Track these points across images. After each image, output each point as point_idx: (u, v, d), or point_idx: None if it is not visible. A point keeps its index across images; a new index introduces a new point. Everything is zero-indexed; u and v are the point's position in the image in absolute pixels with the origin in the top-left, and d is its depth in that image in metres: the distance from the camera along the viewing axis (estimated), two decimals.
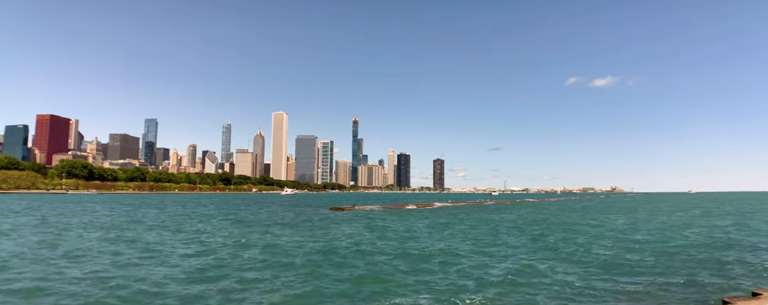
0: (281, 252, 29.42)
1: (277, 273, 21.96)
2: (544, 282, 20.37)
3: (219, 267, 23.69)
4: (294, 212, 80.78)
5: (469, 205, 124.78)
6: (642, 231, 46.90)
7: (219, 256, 27.36)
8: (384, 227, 49.60)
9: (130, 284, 19.16)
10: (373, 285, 19.47)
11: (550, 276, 21.61)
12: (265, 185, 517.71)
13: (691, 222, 59.22)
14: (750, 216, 71.81)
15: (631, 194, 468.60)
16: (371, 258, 27.15)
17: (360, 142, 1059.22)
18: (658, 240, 38.08)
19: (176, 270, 22.50)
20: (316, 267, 23.65)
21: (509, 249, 31.89)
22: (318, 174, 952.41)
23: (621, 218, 67.26)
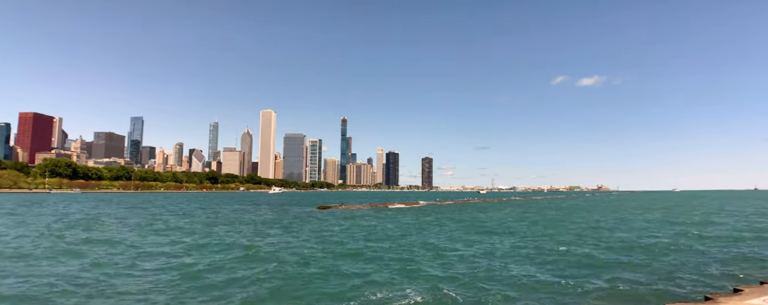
0: (260, 254, 28.96)
1: (249, 275, 21.54)
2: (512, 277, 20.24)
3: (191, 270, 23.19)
4: (276, 212, 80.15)
5: (455, 204, 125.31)
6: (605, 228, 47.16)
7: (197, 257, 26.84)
8: (370, 225, 49.38)
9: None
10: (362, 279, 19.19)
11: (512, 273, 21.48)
12: (252, 184, 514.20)
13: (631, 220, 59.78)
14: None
15: (616, 193, 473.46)
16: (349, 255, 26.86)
17: (349, 140, 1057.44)
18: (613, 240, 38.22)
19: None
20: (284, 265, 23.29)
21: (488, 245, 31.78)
22: (306, 173, 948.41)
23: (596, 216, 67.68)
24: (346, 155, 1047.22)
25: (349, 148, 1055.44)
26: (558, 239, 36.86)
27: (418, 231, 42.69)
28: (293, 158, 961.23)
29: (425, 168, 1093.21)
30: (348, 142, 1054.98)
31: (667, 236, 39.16)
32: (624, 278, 20.54)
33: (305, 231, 42.85)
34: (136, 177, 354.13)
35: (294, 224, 50.04)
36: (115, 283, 19.14)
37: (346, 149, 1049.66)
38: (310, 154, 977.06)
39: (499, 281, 19.94)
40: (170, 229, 43.67)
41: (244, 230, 43.56)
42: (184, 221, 54.51)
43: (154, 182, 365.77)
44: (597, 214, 74.04)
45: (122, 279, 20.09)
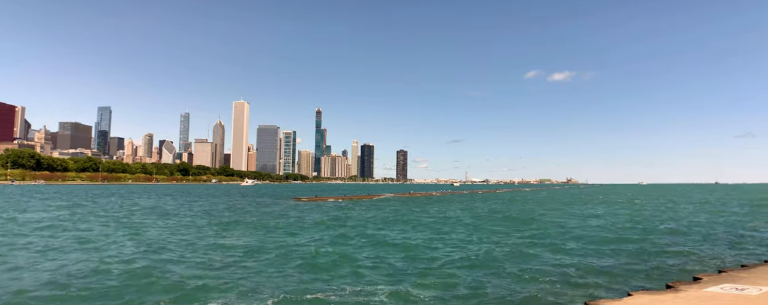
0: (221, 247, 28.55)
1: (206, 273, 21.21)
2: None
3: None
4: (253, 204, 79.17)
5: (420, 196, 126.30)
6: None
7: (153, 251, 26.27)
8: (346, 217, 49.27)
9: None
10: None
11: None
12: (225, 176, 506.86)
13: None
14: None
15: (583, 186, 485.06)
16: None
17: (323, 132, 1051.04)
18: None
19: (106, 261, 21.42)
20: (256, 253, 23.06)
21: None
22: (280, 165, 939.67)
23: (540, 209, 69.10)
24: (321, 147, 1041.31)
25: (324, 140, 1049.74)
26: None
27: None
28: (267, 150, 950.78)
29: (400, 161, 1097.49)
30: (322, 134, 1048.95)
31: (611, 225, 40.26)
32: (592, 264, 21.01)
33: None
34: (104, 169, 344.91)
35: (267, 218, 49.50)
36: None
37: (321, 141, 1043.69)
38: (284, 146, 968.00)
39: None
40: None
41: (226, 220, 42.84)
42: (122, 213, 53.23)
43: (123, 174, 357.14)
44: (552, 204, 75.52)
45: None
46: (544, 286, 17.36)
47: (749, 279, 15.00)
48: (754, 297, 12.08)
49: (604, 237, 32.21)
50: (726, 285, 13.91)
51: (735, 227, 40.18)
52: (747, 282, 14.38)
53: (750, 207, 70.59)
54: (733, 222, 44.73)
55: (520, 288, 17.05)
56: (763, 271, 16.75)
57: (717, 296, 12.37)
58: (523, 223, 43.90)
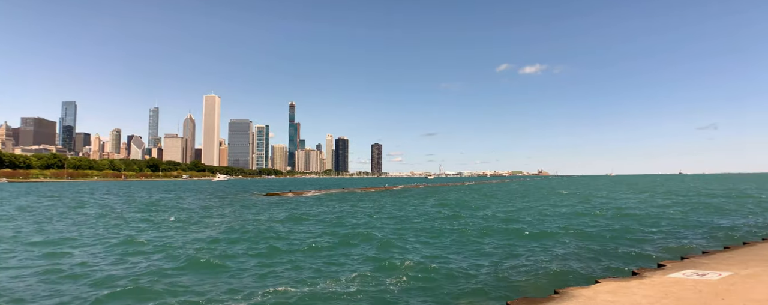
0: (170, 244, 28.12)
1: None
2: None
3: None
4: (224, 199, 78.11)
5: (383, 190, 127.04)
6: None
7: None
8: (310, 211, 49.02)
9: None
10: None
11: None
12: (196, 172, 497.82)
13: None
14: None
15: (553, 178, 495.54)
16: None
17: (297, 126, 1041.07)
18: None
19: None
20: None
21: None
22: (253, 160, 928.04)
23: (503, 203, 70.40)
24: (295, 142, 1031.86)
25: (298, 134, 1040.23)
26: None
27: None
28: (239, 145, 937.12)
29: (375, 154, 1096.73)
30: (296, 128, 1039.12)
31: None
32: (560, 254, 21.50)
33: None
34: (70, 165, 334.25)
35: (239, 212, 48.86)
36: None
37: (295, 136, 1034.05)
38: (256, 140, 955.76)
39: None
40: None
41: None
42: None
43: (90, 171, 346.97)
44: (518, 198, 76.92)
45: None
46: (514, 275, 17.66)
47: (709, 264, 15.55)
48: (714, 281, 12.53)
49: (571, 227, 32.94)
50: (688, 270, 14.39)
51: (698, 216, 41.62)
52: (707, 267, 14.91)
53: (712, 197, 73.23)
54: (695, 211, 46.33)
55: (490, 278, 17.29)
56: (723, 257, 17.39)
57: (680, 281, 12.79)
58: (480, 213, 44.52)
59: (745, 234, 28.54)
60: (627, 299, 11.01)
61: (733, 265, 15.18)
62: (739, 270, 14.10)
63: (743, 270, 14.21)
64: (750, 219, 38.00)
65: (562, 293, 12.15)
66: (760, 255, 17.32)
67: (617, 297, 11.18)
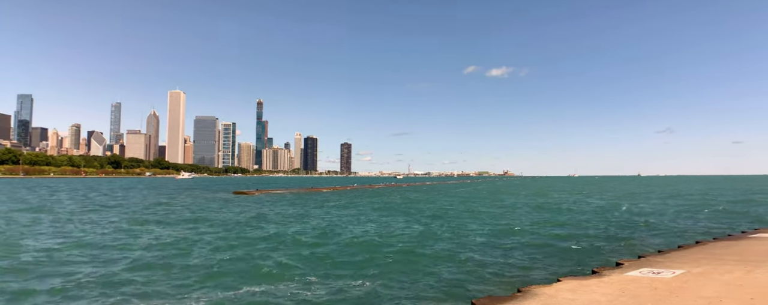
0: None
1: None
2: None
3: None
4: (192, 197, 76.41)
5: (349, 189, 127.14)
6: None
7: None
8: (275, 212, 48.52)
9: None
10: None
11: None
12: (160, 169, 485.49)
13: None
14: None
15: (518, 178, 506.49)
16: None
17: (265, 124, 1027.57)
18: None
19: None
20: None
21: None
22: (219, 158, 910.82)
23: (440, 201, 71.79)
24: (262, 140, 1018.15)
25: (265, 132, 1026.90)
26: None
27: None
28: (204, 142, 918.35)
29: (344, 153, 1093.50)
30: (264, 126, 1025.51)
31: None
32: (524, 254, 21.99)
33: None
34: (25, 161, 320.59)
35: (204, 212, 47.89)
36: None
37: (262, 134, 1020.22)
38: (222, 138, 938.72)
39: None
40: None
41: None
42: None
43: (47, 167, 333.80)
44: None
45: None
46: (478, 274, 17.95)
47: (664, 263, 16.21)
48: (668, 279, 13.07)
49: (534, 227, 33.71)
50: (644, 269, 14.96)
51: (655, 216, 43.22)
52: (662, 266, 15.53)
53: (668, 198, 76.17)
54: (652, 212, 48.10)
55: (454, 277, 17.53)
56: (677, 256, 18.15)
57: (636, 279, 13.28)
58: (448, 215, 45.10)
59: (698, 234, 29.83)
60: (587, 297, 11.36)
61: (686, 263, 15.86)
62: (692, 269, 14.75)
63: (695, 268, 14.87)
64: (702, 220, 39.74)
65: (526, 291, 12.45)
66: (711, 254, 18.15)
67: (577, 295, 11.53)
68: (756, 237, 23.50)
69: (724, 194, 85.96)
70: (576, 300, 11.03)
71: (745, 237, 24.55)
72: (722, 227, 34.18)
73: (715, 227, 33.74)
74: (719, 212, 47.19)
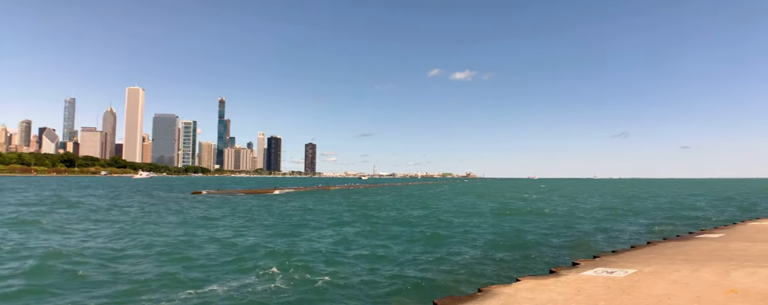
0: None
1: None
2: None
3: None
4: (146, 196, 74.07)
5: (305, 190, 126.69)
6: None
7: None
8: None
9: None
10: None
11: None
12: (116, 168, 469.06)
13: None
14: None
15: (480, 180, 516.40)
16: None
17: (227, 123, 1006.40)
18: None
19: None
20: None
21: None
22: (179, 157, 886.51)
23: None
24: (224, 139, 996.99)
25: (227, 131, 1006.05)
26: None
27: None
28: (164, 141, 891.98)
29: (308, 154, 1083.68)
30: (226, 125, 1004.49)
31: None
32: (483, 255, 22.36)
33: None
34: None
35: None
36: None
37: (224, 133, 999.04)
38: (183, 136, 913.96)
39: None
40: None
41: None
42: None
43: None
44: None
45: None
46: (440, 275, 18.14)
47: (618, 263, 16.79)
48: (620, 278, 13.54)
49: (494, 227, 34.34)
50: (599, 268, 15.44)
51: (609, 218, 44.77)
52: (616, 265, 16.08)
53: (621, 199, 79.06)
54: (606, 213, 49.80)
55: (416, 278, 17.64)
56: (630, 255, 18.83)
57: (591, 278, 13.69)
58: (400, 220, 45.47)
59: (649, 234, 31.10)
60: (544, 296, 11.63)
61: (638, 263, 16.48)
62: (643, 268, 15.33)
63: (646, 267, 15.46)
64: (652, 220, 41.44)
65: (486, 291, 12.63)
66: (661, 254, 18.93)
67: (535, 294, 11.79)
68: (702, 238, 24.65)
69: (673, 196, 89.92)
70: (534, 299, 11.27)
71: (692, 237, 25.71)
72: (672, 228, 35.73)
73: (665, 228, 35.23)
74: (668, 214, 49.30)
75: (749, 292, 11.12)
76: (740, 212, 50.99)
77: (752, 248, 19.43)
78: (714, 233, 27.13)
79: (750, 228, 28.46)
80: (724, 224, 34.89)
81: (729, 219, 41.39)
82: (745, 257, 17.00)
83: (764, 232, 25.57)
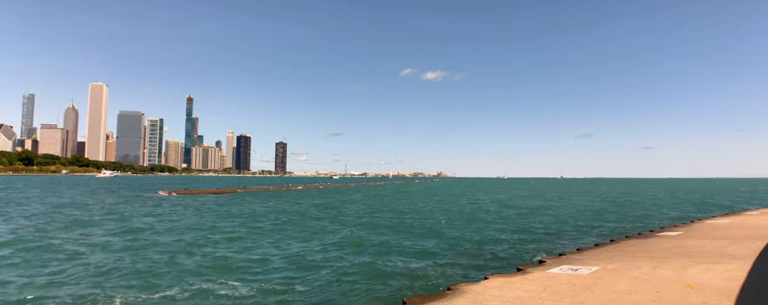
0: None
1: None
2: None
3: None
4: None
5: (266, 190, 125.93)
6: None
7: None
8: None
9: None
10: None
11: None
12: (78, 167, 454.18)
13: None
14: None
15: (451, 179, 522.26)
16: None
17: (195, 121, 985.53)
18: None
19: None
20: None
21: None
22: (144, 155, 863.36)
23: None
24: (192, 137, 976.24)
25: (195, 129, 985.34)
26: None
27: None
28: (129, 139, 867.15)
29: (279, 153, 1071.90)
30: (194, 123, 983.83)
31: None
32: (452, 254, 22.62)
33: None
34: None
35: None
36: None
37: (192, 131, 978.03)
38: (149, 134, 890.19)
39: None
40: None
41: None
42: None
43: None
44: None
45: None
46: (409, 274, 18.25)
47: (582, 260, 17.28)
48: (584, 275, 13.94)
49: (463, 226, 34.78)
50: (564, 266, 15.85)
51: (574, 215, 45.91)
52: (580, 263, 16.54)
53: (587, 198, 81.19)
54: (572, 211, 51.05)
55: (386, 277, 17.72)
56: (594, 253, 19.40)
57: (557, 276, 14.05)
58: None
59: (613, 233, 32.01)
60: (512, 293, 11.88)
61: (602, 260, 17.00)
62: (606, 265, 15.82)
63: (609, 264, 15.96)
64: (615, 219, 42.71)
65: (455, 289, 12.82)
66: (624, 251, 19.57)
67: (503, 292, 12.03)
68: (663, 235, 25.59)
69: (635, 195, 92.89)
70: (502, 297, 11.50)
71: (653, 235, 26.65)
72: (633, 226, 36.89)
73: (627, 226, 36.37)
74: (630, 213, 50.90)
75: (705, 287, 11.63)
76: (697, 211, 53.11)
77: (708, 245, 20.28)
78: (673, 231, 28.20)
79: (706, 226, 29.69)
80: (683, 222, 36.30)
81: (687, 217, 43.05)
82: (702, 253, 17.74)
83: (719, 230, 26.71)
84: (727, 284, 11.94)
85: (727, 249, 18.73)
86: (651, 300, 10.58)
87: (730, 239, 21.96)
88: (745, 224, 29.57)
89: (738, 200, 78.64)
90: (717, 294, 10.92)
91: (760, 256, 16.42)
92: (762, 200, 78.34)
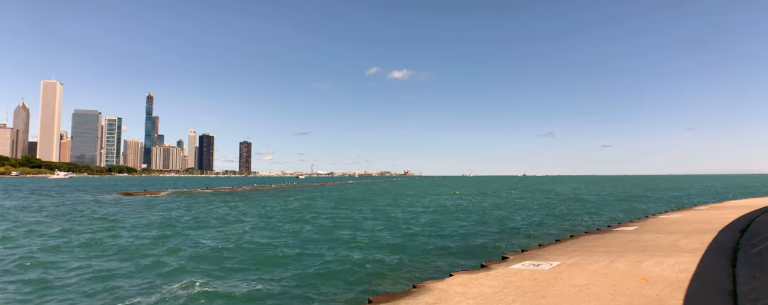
0: None
1: None
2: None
3: None
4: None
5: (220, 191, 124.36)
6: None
7: None
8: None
9: None
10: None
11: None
12: (29, 168, 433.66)
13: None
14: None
15: (417, 178, 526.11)
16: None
17: (155, 120, 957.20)
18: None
19: None
20: None
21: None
22: (101, 155, 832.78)
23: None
24: (152, 137, 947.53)
25: (156, 129, 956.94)
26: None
27: None
28: (85, 139, 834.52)
29: (243, 153, 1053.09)
30: (154, 122, 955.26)
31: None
32: (418, 251, 22.82)
33: None
34: None
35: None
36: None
37: (152, 130, 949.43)
38: (106, 134, 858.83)
39: None
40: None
41: None
42: None
43: None
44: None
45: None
46: (375, 272, 18.32)
47: (544, 256, 17.71)
48: (546, 270, 14.31)
49: (428, 224, 35.13)
50: (526, 262, 16.22)
51: (535, 213, 47.04)
52: (542, 258, 16.96)
53: (547, 195, 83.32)
54: (534, 208, 52.31)
55: (351, 275, 17.73)
56: (554, 249, 19.91)
57: (519, 271, 14.37)
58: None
59: (572, 228, 33.01)
60: (475, 290, 12.07)
61: (562, 255, 17.48)
62: (566, 260, 16.27)
63: (569, 259, 16.42)
64: (575, 214, 44.02)
65: (420, 287, 12.93)
66: (583, 246, 20.17)
67: (467, 289, 12.22)
68: (619, 231, 26.50)
69: (594, 192, 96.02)
70: (466, 293, 11.67)
71: (610, 230, 27.57)
72: (593, 220, 38.13)
73: (585, 221, 37.55)
74: (589, 208, 52.59)
75: (657, 280, 12.13)
76: (654, 205, 55.36)
77: (661, 239, 21.14)
78: (629, 226, 29.25)
79: (659, 221, 30.92)
80: (638, 217, 37.72)
81: (642, 212, 44.80)
82: (655, 247, 18.48)
83: (672, 224, 27.86)
84: (678, 276, 12.49)
85: (678, 242, 19.57)
86: (608, 293, 10.96)
87: (681, 233, 22.94)
88: (696, 219, 30.95)
89: (689, 195, 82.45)
90: (669, 285, 11.40)
91: (708, 249, 17.24)
92: (710, 195, 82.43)
